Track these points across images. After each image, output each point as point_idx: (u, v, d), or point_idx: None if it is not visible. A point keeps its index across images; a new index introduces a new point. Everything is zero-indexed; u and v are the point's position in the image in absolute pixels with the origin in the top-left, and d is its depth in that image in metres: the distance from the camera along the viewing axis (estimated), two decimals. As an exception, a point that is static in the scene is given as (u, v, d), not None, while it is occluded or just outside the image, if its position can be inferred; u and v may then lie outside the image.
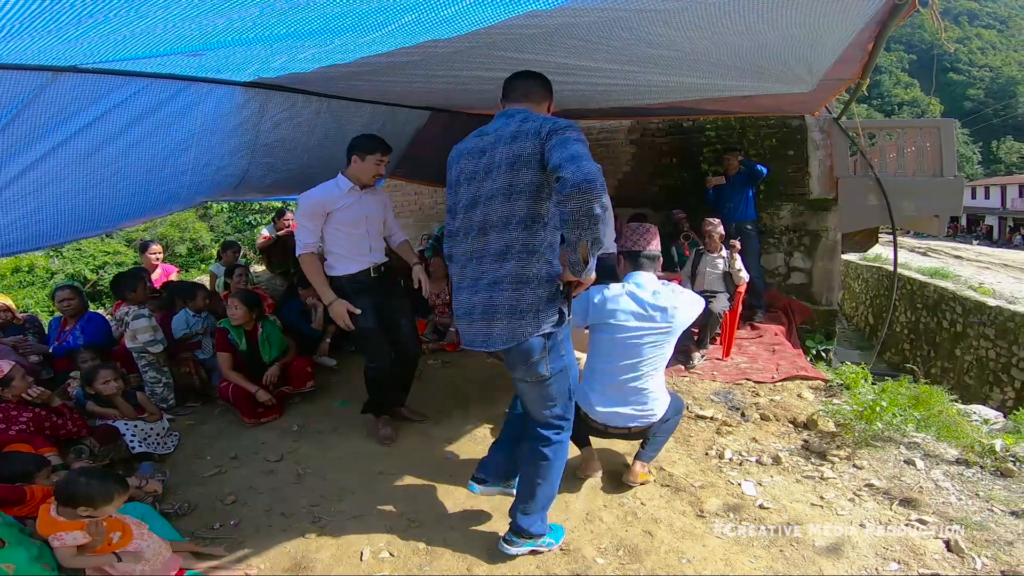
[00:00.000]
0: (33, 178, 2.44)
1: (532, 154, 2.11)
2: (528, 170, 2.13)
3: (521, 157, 2.13)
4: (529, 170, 2.13)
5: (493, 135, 2.25)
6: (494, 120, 2.31)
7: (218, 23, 1.75)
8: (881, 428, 3.57)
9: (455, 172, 2.40)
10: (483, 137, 2.30)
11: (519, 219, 2.18)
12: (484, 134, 2.31)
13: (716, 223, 5.52)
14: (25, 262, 17.84)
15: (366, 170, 3.39)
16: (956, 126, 8.07)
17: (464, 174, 2.34)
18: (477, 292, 2.30)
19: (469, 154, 2.33)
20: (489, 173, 2.23)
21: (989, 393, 10.07)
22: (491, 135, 2.27)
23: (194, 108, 2.98)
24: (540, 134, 2.09)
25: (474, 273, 2.32)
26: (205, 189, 3.61)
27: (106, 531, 2.31)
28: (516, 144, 2.15)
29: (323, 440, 3.76)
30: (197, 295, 4.81)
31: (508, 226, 2.20)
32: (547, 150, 2.06)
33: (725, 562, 2.52)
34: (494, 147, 2.22)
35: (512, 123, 2.20)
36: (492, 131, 2.27)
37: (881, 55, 3.21)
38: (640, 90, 3.92)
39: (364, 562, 2.59)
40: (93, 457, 3.30)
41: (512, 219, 2.19)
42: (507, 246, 2.21)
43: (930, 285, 12.87)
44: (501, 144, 2.20)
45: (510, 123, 2.21)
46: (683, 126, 7.71)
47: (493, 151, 2.22)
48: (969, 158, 58.06)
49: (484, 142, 2.28)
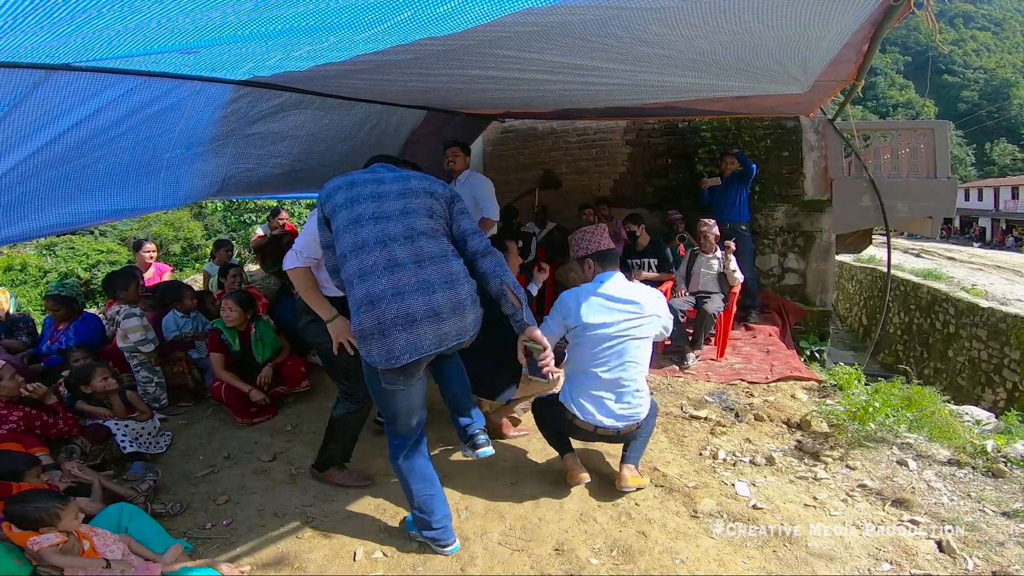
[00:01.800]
0: (21, 172, 2.41)
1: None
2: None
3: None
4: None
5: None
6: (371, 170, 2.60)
7: (213, 17, 1.74)
8: (874, 429, 3.58)
9: (353, 212, 2.40)
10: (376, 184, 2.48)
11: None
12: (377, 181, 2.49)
13: (711, 224, 5.54)
14: (17, 260, 17.77)
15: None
16: (950, 128, 8.11)
17: (365, 212, 2.39)
18: (433, 292, 2.26)
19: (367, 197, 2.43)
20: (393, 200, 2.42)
21: (981, 394, 10.11)
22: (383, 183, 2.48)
23: (185, 104, 2.96)
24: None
25: (415, 277, 2.27)
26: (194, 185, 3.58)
27: (78, 540, 2.30)
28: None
29: (317, 440, 3.74)
30: (183, 296, 4.77)
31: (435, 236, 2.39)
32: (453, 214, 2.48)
33: (719, 562, 2.52)
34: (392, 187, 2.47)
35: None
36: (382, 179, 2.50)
37: (876, 57, 3.22)
38: (636, 90, 3.92)
39: (357, 562, 2.58)
40: (84, 457, 3.28)
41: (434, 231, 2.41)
42: (443, 251, 2.36)
43: (923, 286, 12.91)
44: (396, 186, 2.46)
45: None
46: (679, 127, 7.72)
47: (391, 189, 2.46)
48: (963, 160, 58.36)
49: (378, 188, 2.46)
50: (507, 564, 2.54)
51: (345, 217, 2.38)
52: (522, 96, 4.22)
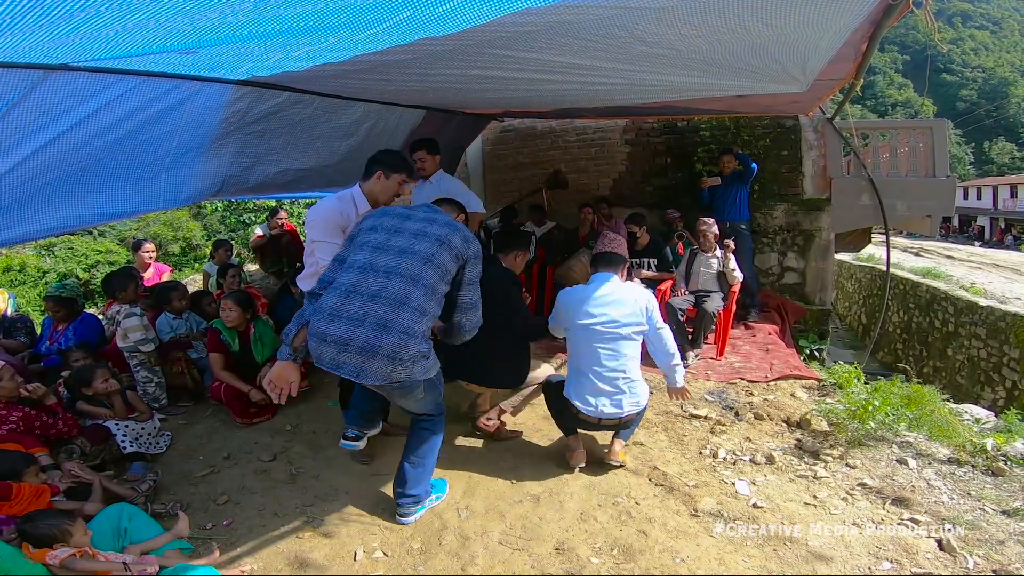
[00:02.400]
0: (21, 173, 2.41)
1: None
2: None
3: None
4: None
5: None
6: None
7: (211, 17, 1.74)
8: (874, 427, 3.58)
9: (366, 237, 2.63)
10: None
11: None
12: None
13: (710, 223, 5.54)
14: (16, 261, 17.74)
15: (388, 189, 3.14)
16: (949, 127, 8.12)
17: (373, 240, 2.60)
18: (360, 326, 2.40)
19: (385, 229, 2.64)
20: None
21: (980, 392, 10.12)
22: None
23: (184, 104, 2.95)
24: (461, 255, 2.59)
25: (359, 308, 2.42)
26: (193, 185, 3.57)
27: (92, 557, 2.32)
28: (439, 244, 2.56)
29: (316, 440, 3.75)
30: (172, 298, 4.75)
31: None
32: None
33: (719, 561, 2.52)
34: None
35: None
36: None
37: (875, 56, 3.22)
38: (634, 89, 3.92)
39: (358, 562, 2.58)
40: (84, 457, 3.28)
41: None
42: (404, 297, 2.44)
43: (922, 285, 12.93)
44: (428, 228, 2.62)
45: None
46: (678, 126, 7.72)
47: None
48: (961, 159, 58.40)
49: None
50: (507, 563, 2.54)
51: (359, 238, 2.61)
52: (521, 96, 4.22)
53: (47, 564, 2.22)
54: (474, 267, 2.64)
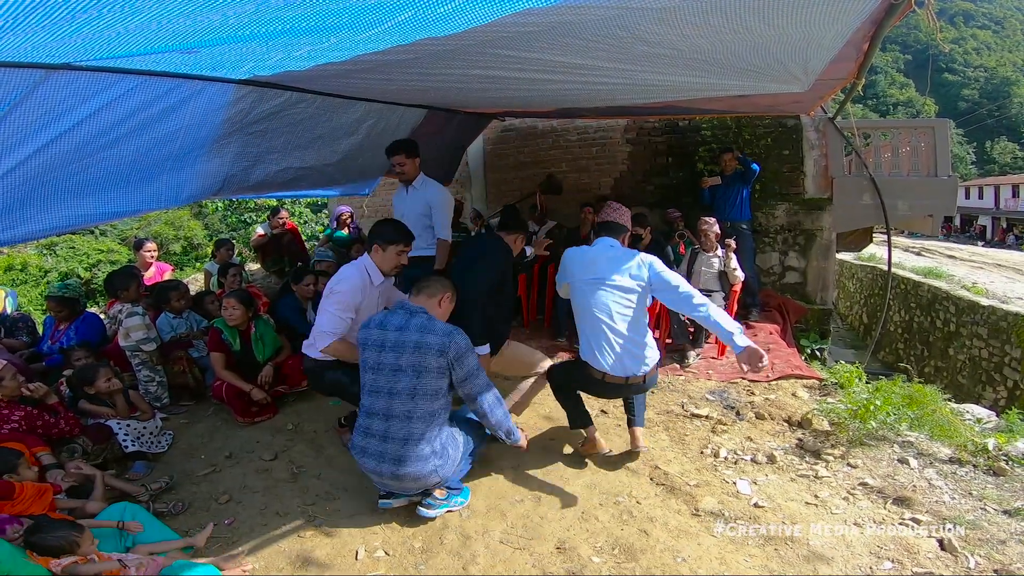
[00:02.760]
0: (23, 173, 2.41)
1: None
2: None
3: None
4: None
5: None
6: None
7: (213, 19, 1.74)
8: (875, 427, 3.58)
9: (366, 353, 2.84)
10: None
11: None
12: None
13: (712, 222, 5.54)
14: (18, 260, 17.78)
15: (387, 260, 3.25)
16: (950, 126, 8.10)
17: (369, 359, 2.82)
18: (383, 458, 2.75)
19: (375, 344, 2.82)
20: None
21: (982, 392, 10.11)
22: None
23: (186, 104, 2.96)
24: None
25: (379, 437, 2.76)
26: (195, 185, 3.58)
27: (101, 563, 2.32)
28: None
29: (318, 439, 3.76)
30: (170, 298, 4.76)
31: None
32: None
33: (720, 561, 2.53)
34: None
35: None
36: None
37: (876, 55, 3.22)
38: (636, 89, 3.91)
39: (359, 561, 2.59)
40: (86, 456, 3.29)
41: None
42: (409, 412, 2.73)
43: (924, 285, 12.91)
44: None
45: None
46: (679, 125, 7.71)
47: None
48: (963, 158, 58.28)
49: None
50: (509, 562, 2.55)
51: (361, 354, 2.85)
52: (523, 95, 4.22)
53: (50, 569, 2.22)
54: (460, 367, 2.71)
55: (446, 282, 2.98)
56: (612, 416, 3.98)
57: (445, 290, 2.92)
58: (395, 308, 2.86)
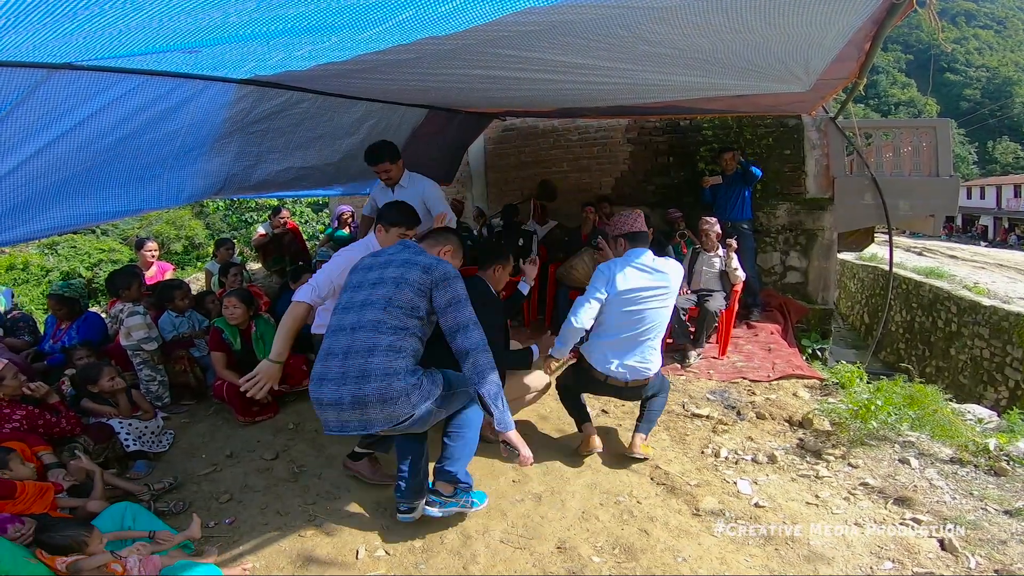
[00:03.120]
0: (26, 172, 2.42)
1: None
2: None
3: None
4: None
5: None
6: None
7: (214, 18, 1.74)
8: (876, 427, 3.58)
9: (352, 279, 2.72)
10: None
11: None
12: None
13: (713, 222, 5.53)
14: (20, 259, 17.78)
15: (388, 240, 3.17)
16: (952, 126, 8.10)
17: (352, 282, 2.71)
18: (344, 383, 2.48)
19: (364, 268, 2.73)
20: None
21: (983, 392, 10.10)
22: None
23: (188, 103, 2.96)
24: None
25: (340, 366, 2.51)
26: (196, 184, 3.59)
27: (108, 568, 2.32)
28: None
29: (318, 438, 3.75)
30: (174, 296, 4.76)
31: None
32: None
33: (720, 560, 2.52)
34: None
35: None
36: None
37: (878, 55, 3.21)
38: (637, 89, 3.92)
39: (360, 560, 2.59)
40: (87, 455, 3.29)
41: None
42: (373, 342, 2.49)
43: (925, 285, 12.89)
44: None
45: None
46: (680, 125, 7.71)
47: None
48: (965, 158, 58.17)
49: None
50: (509, 562, 2.55)
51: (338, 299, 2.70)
52: (524, 95, 4.22)
53: (55, 569, 2.22)
54: (443, 291, 2.53)
55: (453, 236, 2.89)
56: (613, 416, 3.99)
57: (448, 242, 2.83)
58: (397, 244, 2.79)
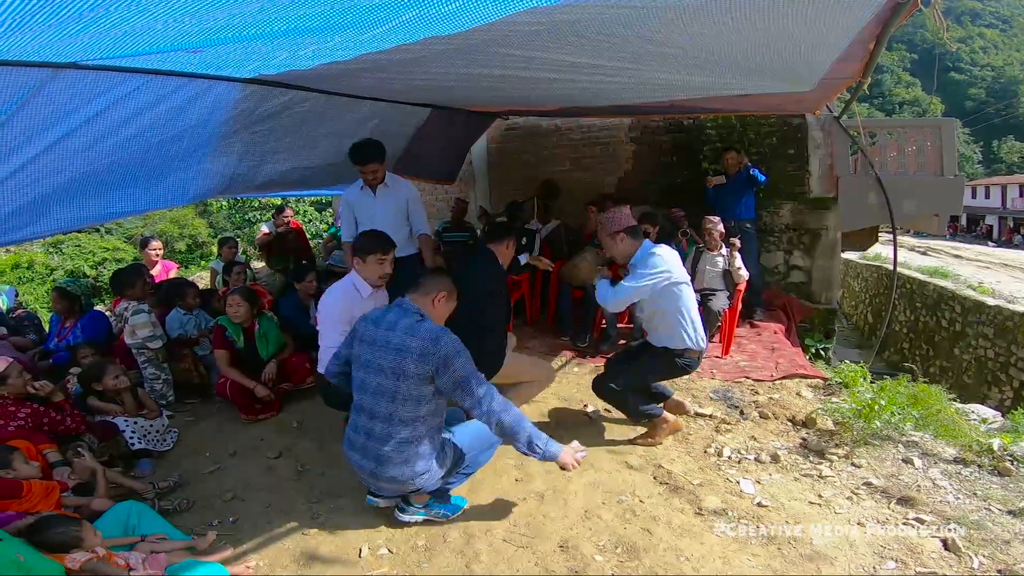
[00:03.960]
0: (31, 171, 2.44)
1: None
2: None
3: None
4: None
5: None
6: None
7: (218, 18, 1.75)
8: (879, 427, 3.57)
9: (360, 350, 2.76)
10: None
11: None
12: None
13: (716, 221, 5.53)
14: (25, 258, 17.86)
15: (370, 271, 3.27)
16: (957, 125, 8.08)
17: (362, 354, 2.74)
18: (364, 458, 2.70)
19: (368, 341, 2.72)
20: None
21: (987, 392, 10.07)
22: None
23: (193, 103, 2.97)
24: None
25: (363, 438, 2.70)
26: (200, 184, 3.60)
27: (108, 559, 2.32)
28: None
29: (322, 437, 3.76)
30: (187, 293, 4.79)
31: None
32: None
33: (723, 560, 2.52)
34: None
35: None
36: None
37: (882, 54, 3.20)
38: (641, 88, 3.91)
39: (363, 559, 2.59)
40: (92, 453, 3.30)
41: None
42: (389, 431, 2.64)
43: (929, 284, 12.86)
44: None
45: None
46: (684, 124, 7.70)
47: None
48: (970, 158, 57.97)
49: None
50: (511, 561, 2.55)
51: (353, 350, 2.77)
52: (527, 94, 4.22)
53: (66, 566, 2.22)
54: (446, 375, 2.52)
55: (444, 280, 2.82)
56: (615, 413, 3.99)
57: (440, 289, 2.76)
58: (392, 305, 2.77)
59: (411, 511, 2.79)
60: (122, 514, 2.63)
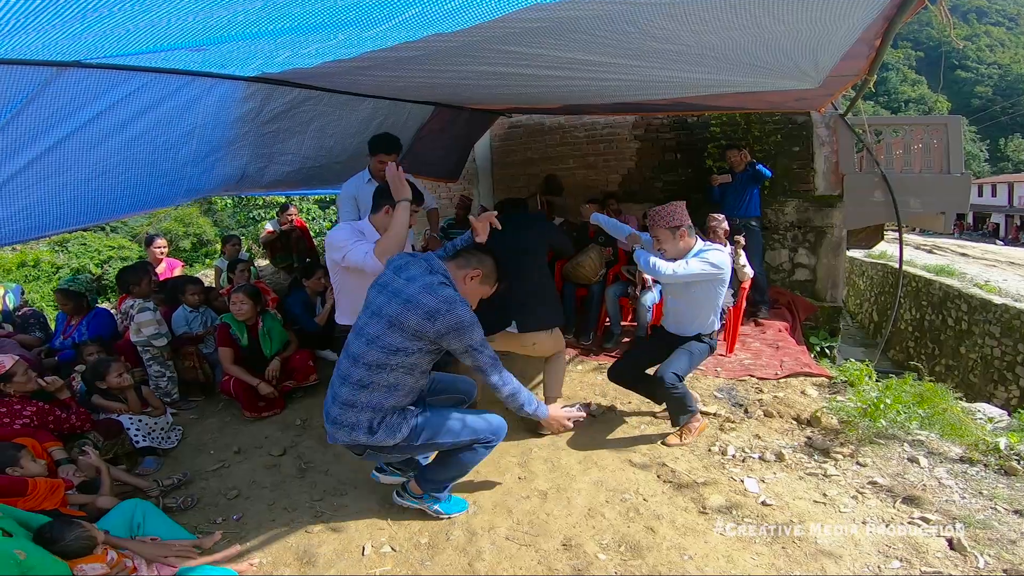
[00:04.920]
0: (37, 169, 2.44)
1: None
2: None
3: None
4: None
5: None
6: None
7: (222, 16, 1.75)
8: (885, 425, 3.56)
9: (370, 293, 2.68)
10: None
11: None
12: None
13: (720, 219, 5.50)
14: (31, 256, 17.91)
15: (380, 222, 3.20)
16: (963, 123, 8.03)
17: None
18: (333, 402, 2.62)
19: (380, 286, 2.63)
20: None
21: (994, 391, 10.01)
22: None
23: (198, 102, 2.98)
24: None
25: (338, 386, 2.60)
26: (206, 182, 3.61)
27: (119, 561, 2.33)
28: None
29: (325, 435, 3.76)
30: (187, 290, 4.80)
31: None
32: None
33: (727, 559, 2.52)
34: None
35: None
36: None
37: (888, 52, 3.19)
38: (645, 85, 3.90)
39: (366, 557, 2.60)
40: (97, 451, 3.31)
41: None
42: (367, 379, 2.51)
43: (935, 282, 12.79)
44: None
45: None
46: (688, 122, 7.68)
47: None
48: (976, 155, 57.60)
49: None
50: (514, 559, 2.55)
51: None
52: (530, 92, 4.21)
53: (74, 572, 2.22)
54: (456, 340, 2.42)
55: (485, 260, 2.64)
56: (618, 411, 3.98)
57: (477, 267, 2.59)
58: (422, 258, 2.58)
59: (405, 496, 2.87)
60: (127, 512, 2.64)
